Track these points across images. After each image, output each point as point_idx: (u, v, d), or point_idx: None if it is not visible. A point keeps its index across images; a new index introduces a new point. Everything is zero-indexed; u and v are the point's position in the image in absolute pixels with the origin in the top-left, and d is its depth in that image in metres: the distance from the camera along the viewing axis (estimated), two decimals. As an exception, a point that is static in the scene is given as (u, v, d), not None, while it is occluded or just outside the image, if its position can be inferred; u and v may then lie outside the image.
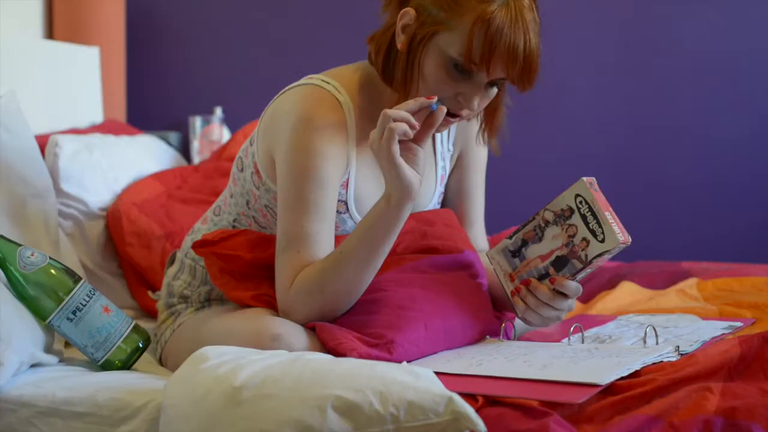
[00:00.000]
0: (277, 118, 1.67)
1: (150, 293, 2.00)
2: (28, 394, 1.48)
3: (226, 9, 3.35)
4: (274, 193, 1.70)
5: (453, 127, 1.83)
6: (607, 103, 3.10)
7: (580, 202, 1.56)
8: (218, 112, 3.19)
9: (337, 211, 1.69)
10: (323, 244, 1.62)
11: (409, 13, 1.60)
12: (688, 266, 2.29)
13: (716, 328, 1.71)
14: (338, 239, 1.67)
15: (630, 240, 1.55)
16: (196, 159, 3.11)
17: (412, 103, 1.50)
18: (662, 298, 2.07)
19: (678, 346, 1.54)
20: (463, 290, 1.67)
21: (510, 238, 1.64)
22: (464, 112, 1.61)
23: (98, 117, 2.96)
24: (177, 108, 3.33)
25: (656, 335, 1.62)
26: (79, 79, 2.91)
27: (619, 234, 1.53)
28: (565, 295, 1.59)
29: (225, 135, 3.15)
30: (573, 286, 1.58)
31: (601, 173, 3.07)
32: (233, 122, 3.18)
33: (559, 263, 1.59)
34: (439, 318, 1.60)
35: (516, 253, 1.63)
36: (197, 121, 3.15)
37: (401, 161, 1.48)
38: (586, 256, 1.55)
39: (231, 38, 3.35)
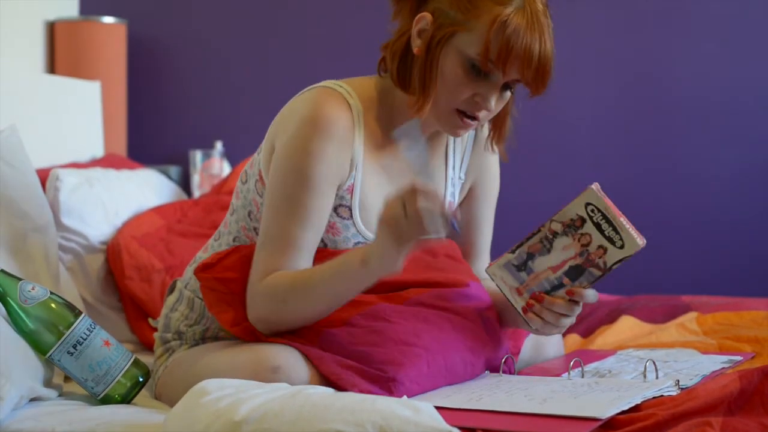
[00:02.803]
0: (287, 115, 1.68)
1: (150, 320, 1.99)
2: (27, 429, 1.47)
3: (226, 44, 3.37)
4: None
5: (466, 156, 1.83)
6: (608, 141, 3.11)
7: (592, 211, 1.53)
8: (218, 146, 3.20)
9: (342, 217, 1.67)
10: (302, 252, 1.61)
11: (425, 18, 1.62)
12: (688, 300, 2.29)
13: (716, 362, 1.71)
14: (330, 253, 1.65)
15: (645, 242, 1.53)
16: (197, 193, 3.12)
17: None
18: (662, 332, 2.07)
19: (678, 381, 1.54)
20: (467, 325, 1.66)
21: (513, 252, 1.58)
22: (482, 114, 1.63)
23: (99, 151, 2.97)
24: (177, 142, 3.34)
25: (656, 369, 1.62)
26: (80, 113, 2.92)
27: (637, 238, 1.52)
28: (577, 302, 1.59)
29: (225, 169, 3.16)
30: (591, 294, 1.57)
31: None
32: (233, 156, 3.20)
33: (574, 273, 1.56)
34: (441, 355, 1.59)
35: (521, 266, 1.58)
36: (198, 155, 3.16)
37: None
38: (605, 263, 1.54)
39: (231, 73, 3.37)
